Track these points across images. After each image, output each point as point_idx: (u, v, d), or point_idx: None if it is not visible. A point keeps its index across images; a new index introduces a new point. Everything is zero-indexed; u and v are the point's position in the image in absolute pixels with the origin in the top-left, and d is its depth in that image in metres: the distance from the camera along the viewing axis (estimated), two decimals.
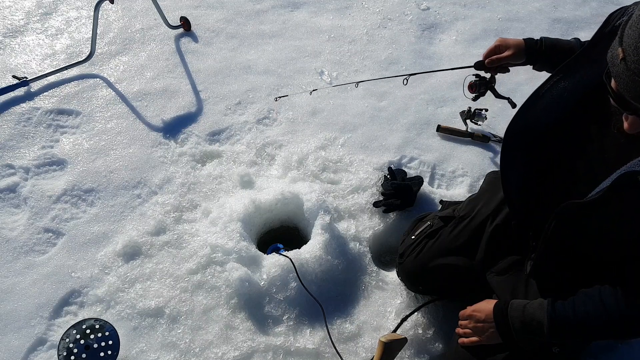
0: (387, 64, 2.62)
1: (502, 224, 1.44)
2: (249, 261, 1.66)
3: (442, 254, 1.53)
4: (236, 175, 1.98)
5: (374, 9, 2.98)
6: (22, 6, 2.76)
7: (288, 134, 2.21)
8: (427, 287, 1.63)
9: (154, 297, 1.62)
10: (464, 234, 1.52)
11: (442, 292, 1.64)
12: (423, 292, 1.68)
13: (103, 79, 2.41)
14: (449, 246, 1.52)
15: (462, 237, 1.51)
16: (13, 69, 2.40)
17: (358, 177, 2.00)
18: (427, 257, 1.55)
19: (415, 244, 1.61)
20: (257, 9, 2.91)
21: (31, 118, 2.19)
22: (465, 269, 1.49)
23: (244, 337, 1.53)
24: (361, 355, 1.52)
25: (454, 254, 1.51)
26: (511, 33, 2.92)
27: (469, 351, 1.34)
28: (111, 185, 1.96)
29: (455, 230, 1.54)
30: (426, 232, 1.60)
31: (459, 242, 1.51)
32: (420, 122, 2.31)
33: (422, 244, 1.59)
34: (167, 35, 2.67)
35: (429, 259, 1.55)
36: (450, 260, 1.51)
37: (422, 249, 1.58)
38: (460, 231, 1.52)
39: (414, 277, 1.61)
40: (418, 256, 1.58)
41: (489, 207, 1.50)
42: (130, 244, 1.74)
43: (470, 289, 1.53)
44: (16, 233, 1.79)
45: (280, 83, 2.47)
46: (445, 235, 1.55)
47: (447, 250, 1.53)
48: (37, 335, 1.54)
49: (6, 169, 1.99)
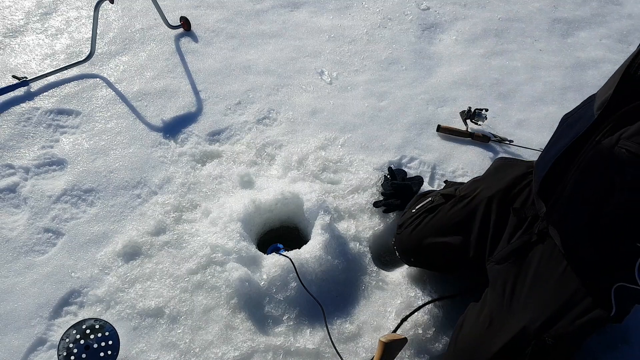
0: (387, 64, 2.62)
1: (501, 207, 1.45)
2: (249, 261, 1.66)
3: (438, 232, 1.56)
4: (236, 175, 1.98)
5: (374, 9, 2.98)
6: (22, 6, 2.76)
7: (288, 134, 2.21)
8: (419, 261, 1.66)
9: (154, 297, 1.61)
10: (461, 212, 1.54)
11: (435, 267, 1.66)
12: (415, 265, 1.70)
13: (103, 79, 2.41)
14: (446, 223, 1.55)
15: (459, 216, 1.53)
16: (13, 69, 2.40)
17: (358, 177, 2.00)
18: (423, 233, 1.59)
19: (414, 217, 1.64)
20: (257, 9, 2.91)
21: (31, 118, 2.19)
22: (459, 248, 1.51)
23: (244, 337, 1.53)
24: (361, 355, 1.52)
25: (450, 233, 1.54)
26: (511, 33, 2.92)
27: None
28: (111, 185, 1.96)
29: (454, 208, 1.56)
30: (426, 207, 1.63)
31: (455, 220, 1.53)
32: (420, 122, 2.31)
33: (420, 217, 1.62)
34: (167, 35, 2.67)
35: (425, 235, 1.58)
36: (446, 239, 1.54)
37: (420, 224, 1.61)
38: (459, 210, 1.55)
39: (409, 251, 1.65)
40: (414, 231, 1.61)
41: (491, 189, 1.51)
42: (130, 244, 1.74)
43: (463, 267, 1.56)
44: (16, 233, 1.79)
45: (280, 83, 2.47)
46: (444, 212, 1.57)
47: (443, 227, 1.55)
48: (37, 335, 1.54)
49: (6, 169, 1.99)
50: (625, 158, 1.04)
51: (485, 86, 2.55)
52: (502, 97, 2.50)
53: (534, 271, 1.33)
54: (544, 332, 1.23)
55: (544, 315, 1.25)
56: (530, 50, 2.82)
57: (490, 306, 1.36)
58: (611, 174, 1.09)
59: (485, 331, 1.32)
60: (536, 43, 2.86)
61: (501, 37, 2.89)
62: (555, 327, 1.23)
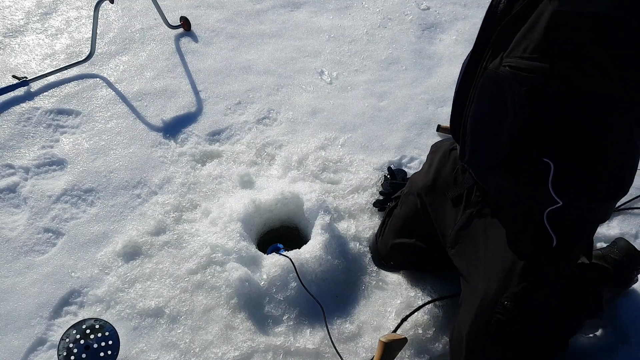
0: (387, 64, 2.62)
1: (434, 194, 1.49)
2: (249, 261, 1.66)
3: (395, 234, 1.64)
4: (236, 175, 1.98)
5: (374, 9, 2.98)
6: (22, 6, 2.77)
7: (288, 134, 2.21)
8: (394, 265, 1.71)
9: (154, 297, 1.61)
10: (405, 211, 1.61)
11: (413, 267, 1.69)
12: (393, 269, 1.73)
13: (103, 79, 2.41)
14: (398, 225, 1.63)
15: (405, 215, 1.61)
16: (13, 69, 2.40)
17: (358, 177, 2.00)
18: (386, 238, 1.67)
19: (381, 224, 1.75)
20: (257, 9, 2.91)
21: (31, 118, 2.19)
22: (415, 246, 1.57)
23: (244, 337, 1.53)
24: (361, 355, 1.52)
25: (403, 234, 1.61)
26: None
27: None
28: (111, 185, 1.96)
29: (401, 209, 1.64)
30: (387, 211, 1.74)
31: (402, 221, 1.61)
32: (420, 122, 2.31)
33: (385, 223, 1.72)
34: (167, 35, 2.67)
35: (387, 240, 1.66)
36: (402, 240, 1.60)
37: (384, 229, 1.70)
38: (404, 210, 1.62)
39: (383, 255, 1.72)
40: (381, 237, 1.71)
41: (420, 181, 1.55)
42: (130, 244, 1.74)
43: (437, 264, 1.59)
44: (16, 233, 1.80)
45: (280, 83, 2.47)
46: (396, 215, 1.66)
47: (397, 229, 1.63)
48: (37, 335, 1.54)
49: (6, 169, 1.99)
50: (510, 74, 1.06)
51: None
52: None
53: (483, 242, 1.32)
54: (500, 296, 1.21)
55: (496, 280, 1.23)
56: None
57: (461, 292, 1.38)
58: (502, 94, 1.10)
59: (457, 318, 1.34)
60: None
61: None
62: (509, 288, 1.20)
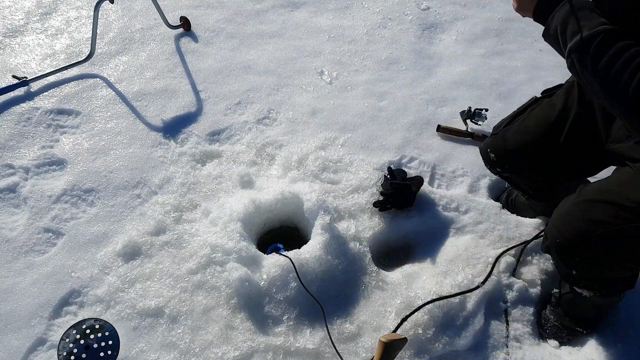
0: (387, 64, 2.62)
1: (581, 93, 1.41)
2: (249, 261, 1.66)
3: (523, 131, 1.53)
4: (236, 175, 1.98)
5: (374, 9, 2.98)
6: (22, 6, 2.77)
7: (288, 134, 2.21)
8: (510, 167, 1.62)
9: (154, 297, 1.61)
10: (544, 109, 1.51)
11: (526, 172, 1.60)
12: (503, 175, 1.67)
13: (103, 79, 2.41)
14: (535, 123, 1.52)
15: (543, 114, 1.50)
16: (13, 69, 2.40)
17: (358, 177, 2.00)
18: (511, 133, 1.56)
19: (509, 118, 1.62)
20: (257, 9, 2.91)
21: (31, 118, 2.19)
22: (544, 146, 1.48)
23: (244, 337, 1.53)
24: (361, 355, 1.52)
25: (532, 133, 1.50)
26: (511, 33, 2.92)
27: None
28: (111, 185, 1.96)
29: (537, 106, 1.54)
30: (517, 111, 1.62)
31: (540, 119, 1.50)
32: (420, 122, 2.31)
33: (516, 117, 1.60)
34: (167, 35, 2.67)
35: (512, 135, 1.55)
36: (530, 138, 1.50)
37: (511, 123, 1.59)
38: (542, 107, 1.52)
39: (500, 156, 1.61)
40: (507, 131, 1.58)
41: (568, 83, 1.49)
42: (130, 244, 1.74)
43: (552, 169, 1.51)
44: (16, 233, 1.80)
45: (280, 83, 2.47)
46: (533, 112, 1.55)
47: (527, 128, 1.53)
48: (37, 335, 1.54)
49: (6, 169, 1.99)
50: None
51: (485, 86, 2.55)
52: (502, 97, 2.50)
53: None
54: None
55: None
56: (530, 50, 2.82)
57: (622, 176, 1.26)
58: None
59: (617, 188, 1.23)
60: (536, 43, 2.86)
61: (501, 37, 2.89)
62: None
